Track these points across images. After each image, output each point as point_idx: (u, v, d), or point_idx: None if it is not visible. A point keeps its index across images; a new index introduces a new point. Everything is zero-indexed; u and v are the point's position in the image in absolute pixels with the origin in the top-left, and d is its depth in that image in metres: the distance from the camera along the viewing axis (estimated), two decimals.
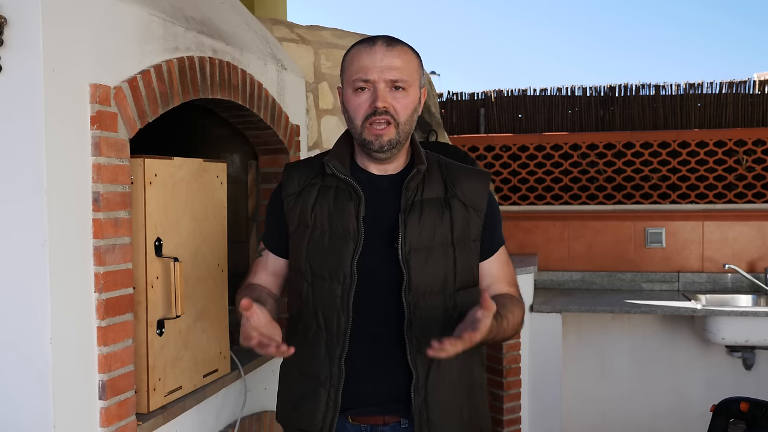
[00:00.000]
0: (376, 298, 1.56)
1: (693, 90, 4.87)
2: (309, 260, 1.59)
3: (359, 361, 1.56)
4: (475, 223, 1.61)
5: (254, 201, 2.61)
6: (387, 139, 1.53)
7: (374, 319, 1.57)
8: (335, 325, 1.56)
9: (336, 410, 1.56)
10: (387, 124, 1.52)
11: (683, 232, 4.34)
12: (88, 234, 1.54)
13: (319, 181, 1.62)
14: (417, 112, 1.60)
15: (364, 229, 1.55)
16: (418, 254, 1.55)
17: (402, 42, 1.59)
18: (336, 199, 1.58)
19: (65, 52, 1.47)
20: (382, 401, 1.59)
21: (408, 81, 1.54)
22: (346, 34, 3.03)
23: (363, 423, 1.60)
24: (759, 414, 2.34)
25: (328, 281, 1.56)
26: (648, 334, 4.23)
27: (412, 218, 1.56)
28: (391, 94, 1.52)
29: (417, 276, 1.54)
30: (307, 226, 1.60)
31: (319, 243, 1.58)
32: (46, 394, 1.45)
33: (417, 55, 1.60)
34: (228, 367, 2.15)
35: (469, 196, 1.62)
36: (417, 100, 1.59)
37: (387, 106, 1.51)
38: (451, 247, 1.58)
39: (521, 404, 3.70)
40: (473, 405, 1.65)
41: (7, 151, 1.44)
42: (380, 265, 1.56)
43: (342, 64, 1.60)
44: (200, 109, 2.30)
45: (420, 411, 1.54)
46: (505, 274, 1.68)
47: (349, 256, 1.54)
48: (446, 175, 1.63)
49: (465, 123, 5.16)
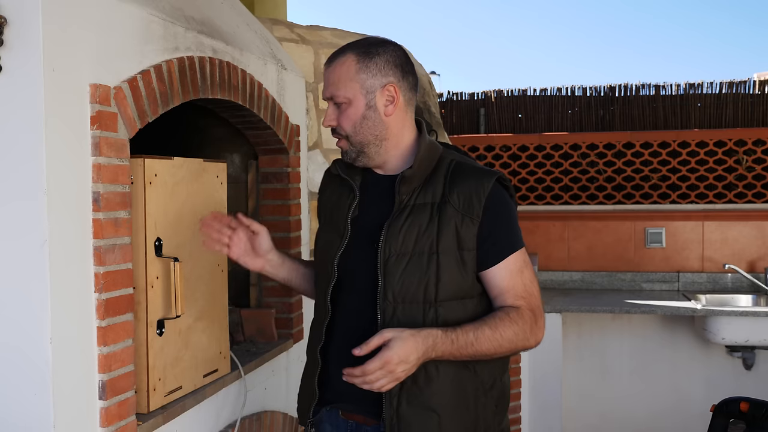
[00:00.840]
0: (352, 298, 1.59)
1: (693, 90, 4.87)
2: (315, 253, 1.74)
3: (334, 354, 1.60)
4: (468, 231, 1.51)
5: (254, 201, 2.61)
6: (345, 150, 1.61)
7: (350, 318, 1.60)
8: (321, 317, 1.64)
9: (313, 398, 1.63)
10: (339, 138, 1.60)
11: (683, 232, 4.34)
12: (88, 234, 1.54)
13: (337, 180, 1.70)
14: (370, 119, 1.55)
15: (351, 228, 1.60)
16: (398, 260, 1.51)
17: (342, 52, 1.57)
18: (339, 197, 1.66)
19: (65, 52, 1.47)
20: (359, 400, 1.56)
21: (343, 95, 1.55)
22: (346, 34, 3.03)
23: (350, 419, 1.61)
24: (759, 414, 2.34)
25: (320, 275, 1.67)
26: (648, 334, 4.23)
27: (396, 222, 1.53)
28: (337, 111, 1.58)
29: (393, 282, 1.51)
30: (321, 221, 1.74)
31: (321, 237, 1.71)
32: (46, 394, 1.45)
33: (361, 59, 1.54)
34: (228, 367, 2.15)
35: (463, 201, 1.52)
36: (362, 107, 1.54)
37: (331, 124, 1.59)
38: (435, 255, 1.50)
39: (521, 404, 3.70)
40: (462, 423, 1.53)
41: (7, 151, 1.44)
42: (359, 266, 1.58)
43: None
44: (200, 109, 2.30)
45: (391, 420, 1.50)
46: (513, 285, 1.53)
47: (334, 252, 1.61)
48: (448, 179, 1.55)
49: (465, 123, 5.16)
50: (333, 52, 1.61)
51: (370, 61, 1.54)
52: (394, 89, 1.56)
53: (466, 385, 1.54)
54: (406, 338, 1.42)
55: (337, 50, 1.60)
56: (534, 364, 3.83)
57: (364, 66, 1.54)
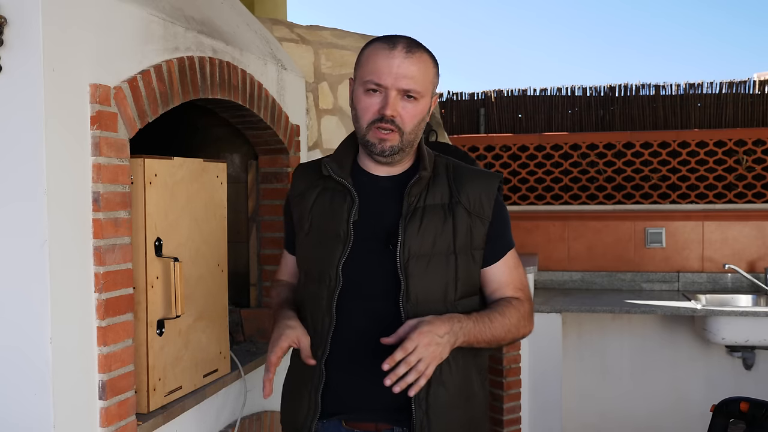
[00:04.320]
0: (365, 303, 1.55)
1: (693, 90, 4.87)
2: (304, 261, 1.63)
3: (341, 364, 1.55)
4: (478, 231, 1.57)
5: (254, 201, 2.61)
6: (389, 145, 1.53)
7: (361, 324, 1.55)
8: (320, 327, 1.56)
9: (316, 411, 1.56)
10: (391, 131, 1.52)
11: (683, 232, 4.34)
12: (88, 234, 1.54)
13: (321, 183, 1.62)
14: (425, 121, 1.57)
15: (354, 232, 1.55)
16: (419, 262, 1.52)
17: (422, 48, 1.54)
18: (332, 201, 1.59)
19: (65, 52, 1.47)
20: (375, 408, 1.56)
21: (421, 92, 1.52)
22: (346, 34, 3.03)
23: (356, 428, 1.58)
24: (759, 414, 2.34)
25: (317, 282, 1.58)
26: (648, 334, 4.23)
27: (412, 225, 1.53)
28: (401, 103, 1.51)
29: (416, 284, 1.52)
30: (305, 227, 1.62)
31: (313, 244, 1.60)
32: (46, 394, 1.45)
33: (435, 63, 1.57)
34: (228, 367, 2.15)
35: (474, 203, 1.57)
36: (426, 110, 1.56)
37: (395, 114, 1.50)
38: (453, 256, 1.55)
39: (521, 404, 3.70)
40: (473, 417, 1.61)
41: (7, 151, 1.44)
42: (372, 269, 1.55)
43: (358, 58, 1.58)
44: (200, 109, 2.30)
45: (422, 424, 1.52)
46: (512, 279, 1.63)
47: (336, 258, 1.54)
48: (453, 180, 1.59)
49: (465, 123, 5.15)
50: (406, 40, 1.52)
51: (437, 67, 1.58)
52: (435, 100, 1.61)
53: (471, 371, 1.61)
54: (431, 319, 1.46)
55: (410, 40, 1.53)
56: (534, 364, 3.83)
57: (437, 72, 1.58)
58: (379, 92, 1.51)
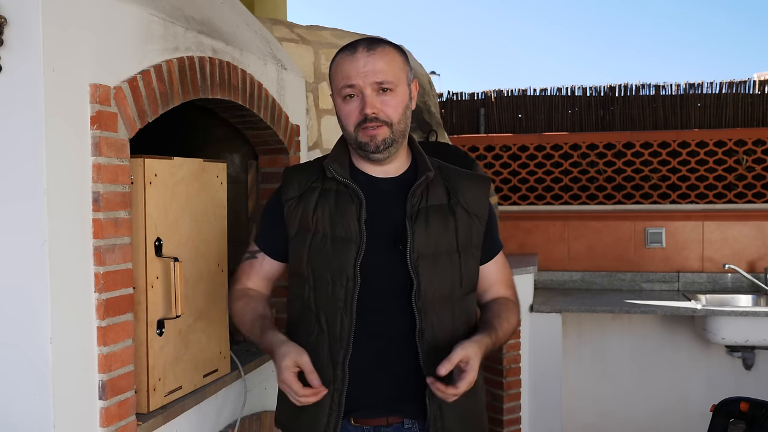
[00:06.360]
0: (380, 301, 1.57)
1: (693, 90, 4.87)
2: (311, 264, 1.59)
3: (362, 363, 1.56)
4: (477, 230, 1.64)
5: (254, 201, 2.61)
6: (381, 139, 1.54)
7: (379, 322, 1.56)
8: (338, 328, 1.55)
9: (340, 414, 1.55)
10: (378, 126, 1.53)
11: (683, 232, 4.34)
12: (88, 234, 1.54)
13: (319, 185, 1.61)
14: (410, 109, 1.59)
15: (366, 231, 1.55)
16: (426, 261, 1.56)
17: (383, 42, 1.57)
18: (337, 202, 1.58)
19: (65, 52, 1.47)
20: (386, 402, 1.59)
21: (393, 81, 1.53)
22: (346, 34, 3.03)
23: (365, 425, 1.60)
24: (759, 414, 2.34)
25: (330, 284, 1.56)
26: (648, 334, 4.23)
27: (419, 225, 1.56)
28: (379, 98, 1.52)
29: (426, 283, 1.55)
30: (309, 230, 1.59)
31: (321, 246, 1.58)
32: (46, 394, 1.45)
33: (401, 52, 1.58)
34: (228, 367, 2.15)
35: (472, 203, 1.63)
36: (407, 97, 1.57)
37: (376, 111, 1.52)
38: (457, 254, 1.60)
39: (521, 404, 3.70)
40: (477, 408, 1.68)
41: (7, 151, 1.44)
42: (385, 268, 1.56)
43: (329, 73, 1.61)
44: (200, 109, 2.30)
45: (435, 417, 1.56)
46: (503, 277, 1.74)
47: (352, 258, 1.54)
48: (448, 182, 1.64)
49: (465, 123, 5.16)
50: (365, 40, 1.55)
51: (405, 55, 1.60)
52: (416, 86, 1.63)
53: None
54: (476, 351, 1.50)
55: (369, 39, 1.56)
56: (534, 364, 3.83)
57: (405, 59, 1.59)
58: (356, 96, 1.53)
